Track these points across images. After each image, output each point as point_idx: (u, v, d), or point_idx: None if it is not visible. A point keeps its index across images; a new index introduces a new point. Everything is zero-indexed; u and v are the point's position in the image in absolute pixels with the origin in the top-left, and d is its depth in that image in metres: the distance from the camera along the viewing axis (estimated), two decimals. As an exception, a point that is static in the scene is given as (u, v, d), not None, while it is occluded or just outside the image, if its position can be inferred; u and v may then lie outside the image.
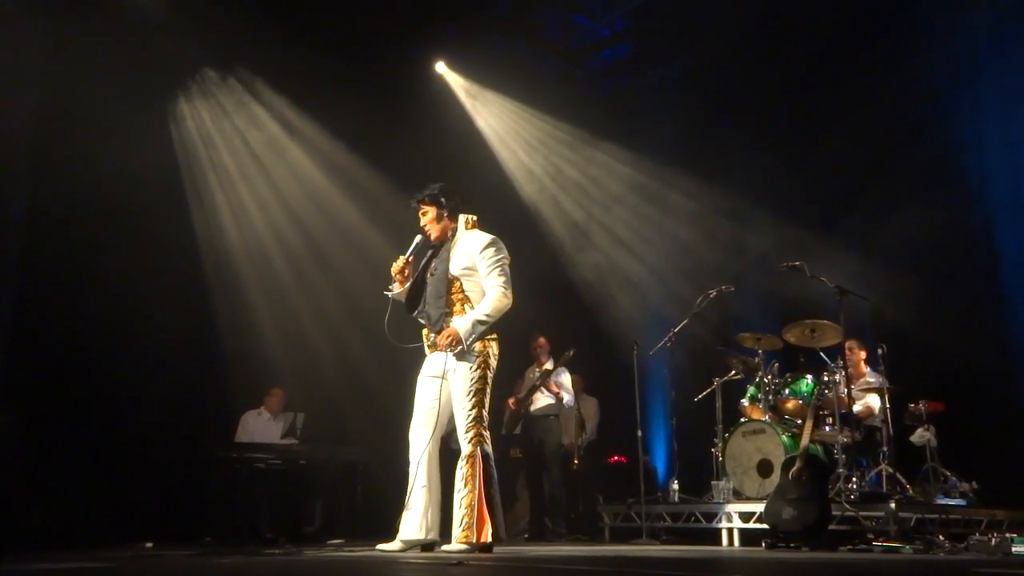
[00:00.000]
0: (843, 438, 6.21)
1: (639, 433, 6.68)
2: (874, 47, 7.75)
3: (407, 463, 4.47)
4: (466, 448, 4.35)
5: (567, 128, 9.12)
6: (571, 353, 7.37)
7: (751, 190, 8.30)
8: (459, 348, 4.36)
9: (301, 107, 8.00)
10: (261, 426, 7.23)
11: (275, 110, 7.97)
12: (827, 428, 6.40)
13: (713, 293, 6.89)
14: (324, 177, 8.11)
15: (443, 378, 4.44)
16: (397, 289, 4.62)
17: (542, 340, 7.61)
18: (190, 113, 7.68)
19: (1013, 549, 4.90)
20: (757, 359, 6.87)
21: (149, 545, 5.67)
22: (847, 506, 5.66)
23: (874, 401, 6.68)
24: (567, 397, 7.42)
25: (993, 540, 5.02)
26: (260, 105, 7.94)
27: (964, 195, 7.51)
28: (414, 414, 4.50)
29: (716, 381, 6.98)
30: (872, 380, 6.78)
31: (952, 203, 7.41)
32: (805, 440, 5.65)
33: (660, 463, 8.55)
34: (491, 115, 9.06)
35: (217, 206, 7.80)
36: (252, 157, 7.95)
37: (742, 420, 6.74)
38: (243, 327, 7.62)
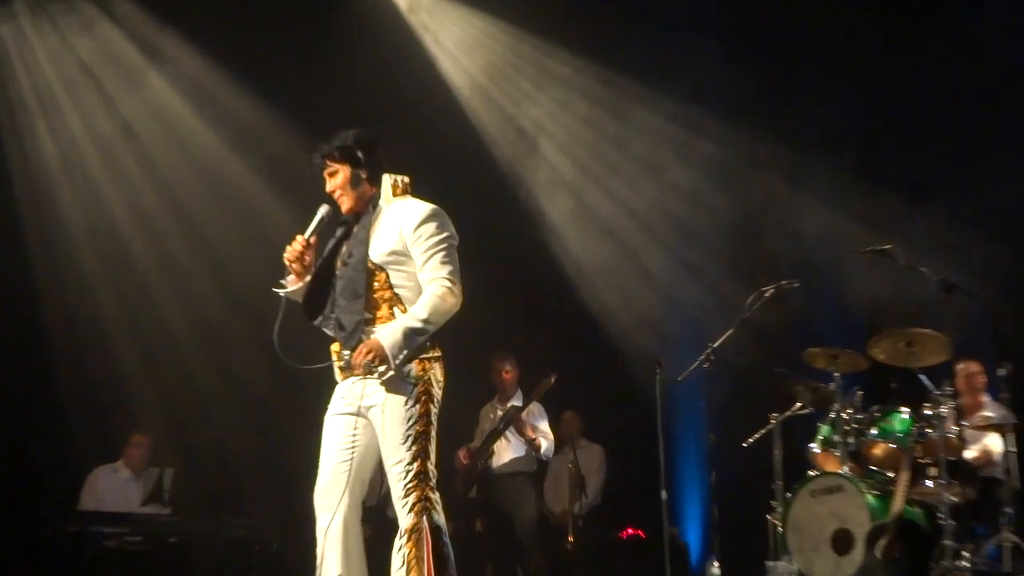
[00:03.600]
0: (952, 496, 6.18)
1: (663, 495, 6.70)
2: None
3: (316, 540, 4.43)
4: (407, 519, 4.24)
5: (557, 54, 8.95)
6: (551, 381, 7.38)
7: (816, 143, 8.49)
8: (385, 370, 4.22)
9: (170, 21, 8.00)
10: (117, 487, 7.41)
11: (132, 28, 7.97)
12: (929, 483, 6.42)
13: (769, 291, 6.82)
14: (205, 125, 8.15)
15: (361, 415, 4.37)
16: (293, 284, 4.51)
17: (508, 365, 7.60)
18: (11, 33, 7.79)
19: None
20: (832, 385, 6.78)
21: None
22: (957, 591, 5.79)
23: (994, 443, 6.75)
24: (545, 445, 7.45)
25: None
26: (112, 21, 7.96)
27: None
28: (320, 470, 4.43)
29: (774, 418, 7.00)
30: (991, 413, 6.87)
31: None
32: (899, 501, 5.87)
33: (693, 537, 8.75)
34: (443, 31, 8.95)
35: (49, 172, 7.91)
36: (102, 95, 8.02)
37: (811, 474, 6.74)
38: (87, 345, 7.84)
